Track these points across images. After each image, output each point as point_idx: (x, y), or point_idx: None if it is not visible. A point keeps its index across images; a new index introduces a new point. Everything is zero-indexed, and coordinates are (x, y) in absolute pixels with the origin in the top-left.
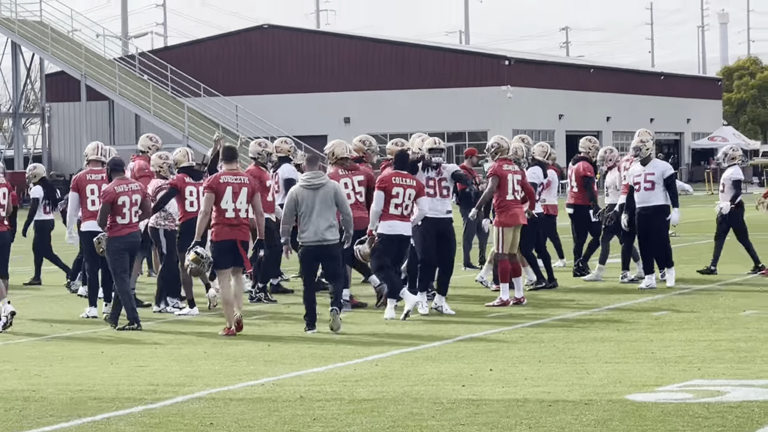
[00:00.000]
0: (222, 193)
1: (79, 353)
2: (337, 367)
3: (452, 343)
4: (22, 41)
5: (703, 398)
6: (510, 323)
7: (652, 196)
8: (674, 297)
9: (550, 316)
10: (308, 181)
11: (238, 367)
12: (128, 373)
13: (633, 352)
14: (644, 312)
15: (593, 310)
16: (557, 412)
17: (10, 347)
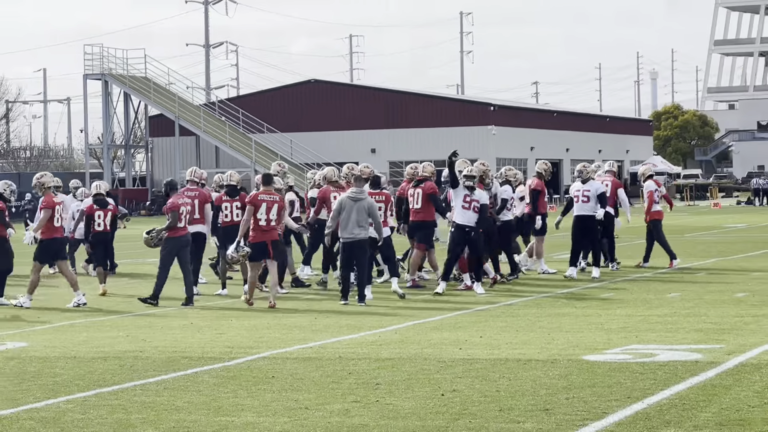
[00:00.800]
0: (259, 207)
1: (174, 324)
2: (366, 334)
3: (452, 316)
4: (132, 92)
5: (639, 359)
6: (495, 302)
7: (587, 207)
8: (617, 283)
9: (524, 296)
10: (353, 194)
11: (293, 335)
12: (211, 338)
13: (586, 324)
14: (594, 295)
15: (557, 292)
16: (530, 369)
17: (123, 318)
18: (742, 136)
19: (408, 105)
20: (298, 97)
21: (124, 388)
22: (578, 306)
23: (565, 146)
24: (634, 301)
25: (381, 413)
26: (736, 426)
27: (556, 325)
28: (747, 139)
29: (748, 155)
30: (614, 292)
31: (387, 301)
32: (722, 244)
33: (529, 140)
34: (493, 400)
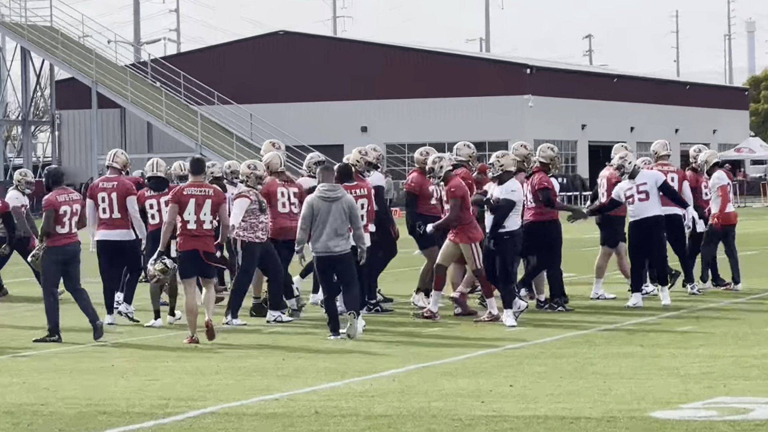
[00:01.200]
0: (185, 205)
1: (89, 366)
2: (353, 381)
3: (471, 357)
4: (32, 47)
5: (728, 416)
6: (530, 338)
7: (648, 206)
8: (699, 312)
9: (571, 330)
10: (325, 192)
11: (252, 382)
12: (139, 387)
13: (656, 368)
14: (668, 327)
15: (615, 325)
16: (579, 430)
17: (17, 360)
18: None
19: (411, 67)
20: (261, 56)
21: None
22: (645, 344)
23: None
24: (722, 336)
25: None
26: None
27: (615, 369)
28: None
29: None
30: (695, 324)
31: (383, 333)
32: None
33: (579, 116)
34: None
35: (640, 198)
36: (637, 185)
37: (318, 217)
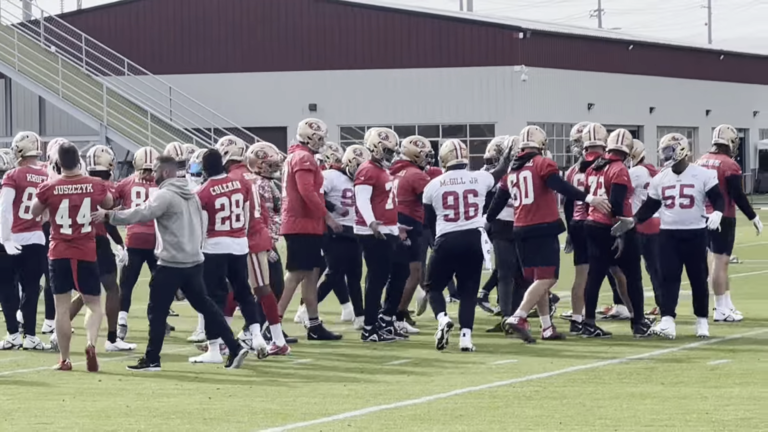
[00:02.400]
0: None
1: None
2: (297, 427)
3: (447, 397)
4: None
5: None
6: (523, 373)
7: (690, 216)
8: (734, 342)
9: (574, 365)
10: (178, 187)
11: (169, 427)
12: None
13: (681, 412)
14: (696, 361)
15: (630, 358)
16: None
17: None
18: None
19: (376, 30)
20: (184, 13)
21: None
22: (667, 382)
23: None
24: (763, 373)
25: None
26: None
27: (630, 413)
28: None
29: None
30: (731, 357)
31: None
32: None
33: (585, 92)
34: None
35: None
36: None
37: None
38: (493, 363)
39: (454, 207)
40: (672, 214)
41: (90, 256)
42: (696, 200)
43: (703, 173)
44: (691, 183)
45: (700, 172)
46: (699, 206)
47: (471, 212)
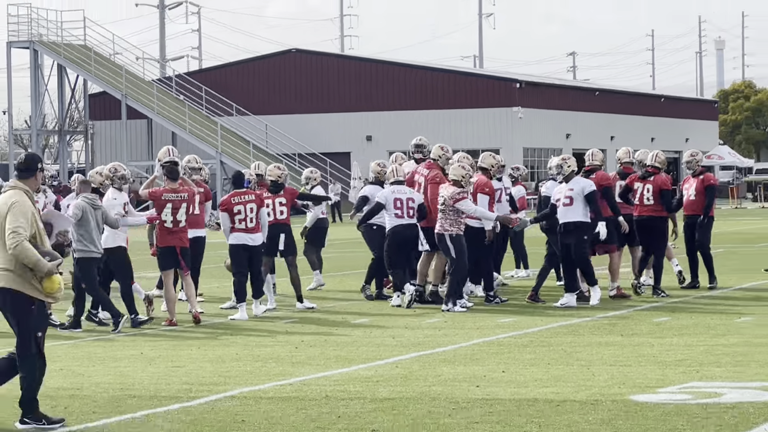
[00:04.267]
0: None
1: (120, 354)
2: (360, 368)
3: (467, 346)
4: (68, 63)
5: (701, 399)
6: (521, 328)
7: (570, 212)
8: (674, 304)
9: (557, 321)
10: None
11: (268, 368)
12: (166, 372)
13: (635, 355)
14: (645, 319)
15: (598, 316)
16: (565, 412)
17: (56, 348)
18: None
19: (413, 82)
20: (276, 71)
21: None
22: (625, 333)
23: (608, 133)
24: (695, 327)
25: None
26: None
27: (598, 357)
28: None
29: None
30: (670, 316)
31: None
32: None
33: (565, 125)
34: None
35: (564, 203)
36: (568, 188)
37: None
38: (500, 321)
39: (401, 209)
40: (561, 211)
41: (186, 243)
42: (575, 200)
43: (582, 182)
44: (572, 188)
45: (580, 181)
46: (578, 205)
47: (411, 213)
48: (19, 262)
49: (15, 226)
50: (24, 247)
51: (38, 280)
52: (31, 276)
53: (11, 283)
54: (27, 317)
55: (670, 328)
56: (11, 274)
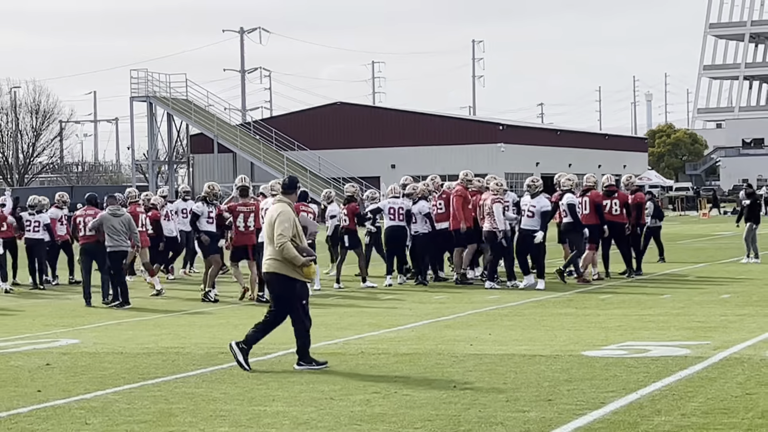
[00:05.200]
0: (237, 216)
1: (213, 322)
2: (386, 332)
3: (464, 315)
4: (174, 112)
5: (634, 354)
6: (503, 303)
7: (531, 222)
8: (615, 286)
9: (529, 298)
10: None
11: (319, 332)
12: None
13: (586, 322)
14: (594, 296)
15: (558, 295)
16: (535, 363)
17: (166, 318)
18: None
19: (425, 124)
20: (326, 118)
21: (166, 381)
22: (578, 306)
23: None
24: (630, 302)
25: (399, 403)
26: (720, 414)
27: (559, 323)
28: (733, 155)
29: (734, 170)
30: (612, 294)
31: (407, 301)
32: (711, 250)
33: (535, 156)
34: (500, 391)
35: (528, 215)
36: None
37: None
38: (487, 297)
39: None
40: (524, 220)
41: (254, 241)
42: (535, 214)
43: (542, 201)
44: (534, 204)
45: (540, 200)
46: (536, 218)
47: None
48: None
49: (281, 231)
50: (286, 247)
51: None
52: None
53: (279, 269)
54: (291, 292)
55: (611, 302)
56: (278, 263)
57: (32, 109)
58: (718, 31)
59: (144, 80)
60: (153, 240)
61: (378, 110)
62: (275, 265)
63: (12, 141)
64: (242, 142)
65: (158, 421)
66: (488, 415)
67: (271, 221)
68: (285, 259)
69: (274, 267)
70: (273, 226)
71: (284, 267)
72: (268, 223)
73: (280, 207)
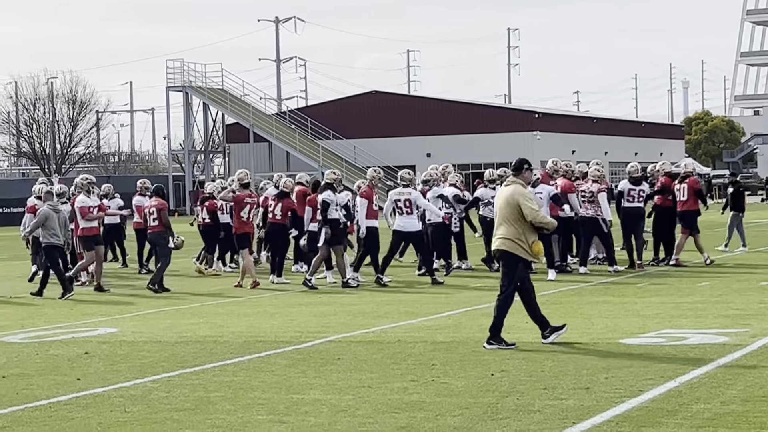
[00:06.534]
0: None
1: (250, 311)
2: (423, 320)
3: None
4: (210, 102)
5: (672, 342)
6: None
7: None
8: (653, 275)
9: (566, 286)
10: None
11: (357, 320)
12: (283, 324)
13: (624, 310)
14: (631, 284)
15: (595, 283)
16: (572, 351)
17: (204, 307)
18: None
19: (460, 113)
20: (361, 107)
21: (205, 369)
22: (616, 294)
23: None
24: (668, 290)
25: (436, 391)
26: (759, 402)
27: (596, 311)
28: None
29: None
30: (649, 282)
31: (442, 291)
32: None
33: (571, 144)
34: (538, 379)
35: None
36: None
37: None
38: None
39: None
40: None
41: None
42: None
43: (546, 188)
44: (539, 192)
45: (544, 188)
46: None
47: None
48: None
49: (530, 205)
50: (540, 215)
51: (528, 247)
52: (523, 244)
53: (510, 248)
54: (515, 271)
55: (648, 290)
56: (510, 242)
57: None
58: (756, 18)
59: (180, 70)
60: (212, 229)
61: (413, 99)
62: (507, 245)
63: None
64: (278, 132)
65: (197, 409)
66: (526, 403)
67: (509, 201)
68: (515, 239)
69: (506, 246)
70: (513, 206)
71: (515, 246)
72: (506, 204)
73: (516, 188)
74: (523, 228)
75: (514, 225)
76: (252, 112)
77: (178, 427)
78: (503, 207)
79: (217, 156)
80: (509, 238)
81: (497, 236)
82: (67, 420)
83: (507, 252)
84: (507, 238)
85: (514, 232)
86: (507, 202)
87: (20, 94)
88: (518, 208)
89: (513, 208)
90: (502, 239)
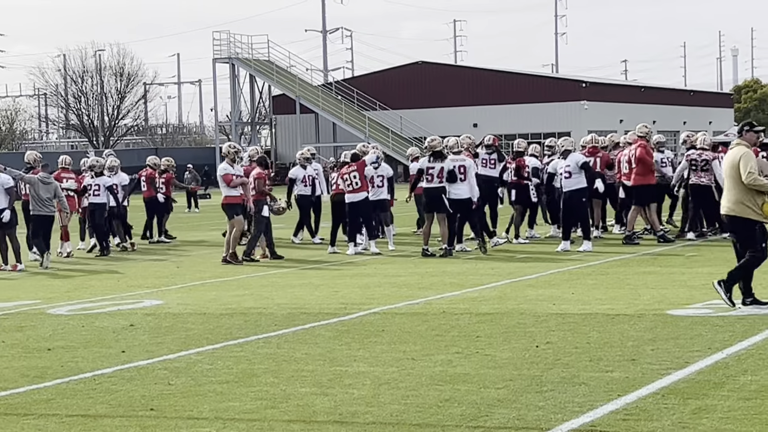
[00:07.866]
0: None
1: (294, 283)
2: (467, 291)
3: (546, 275)
4: (257, 74)
5: (720, 313)
6: (585, 261)
7: (569, 183)
8: (700, 245)
9: (612, 257)
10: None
11: (401, 292)
12: (327, 296)
13: (670, 281)
14: (680, 254)
15: (642, 253)
16: (618, 323)
17: (249, 279)
18: None
19: (506, 83)
20: (408, 78)
21: (249, 341)
22: (663, 265)
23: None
24: (716, 260)
25: (481, 363)
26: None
27: (642, 282)
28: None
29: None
30: (697, 251)
31: (487, 261)
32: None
33: (619, 114)
34: (584, 351)
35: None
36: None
37: None
38: (570, 256)
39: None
40: (564, 182)
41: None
42: (572, 173)
43: (575, 157)
44: (568, 163)
45: (575, 156)
46: (575, 176)
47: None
48: (746, 196)
49: (748, 169)
50: (756, 178)
51: (758, 208)
52: (753, 206)
53: (740, 212)
54: (753, 234)
55: (696, 261)
56: (739, 206)
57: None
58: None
59: (226, 42)
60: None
61: (459, 69)
62: (736, 209)
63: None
64: (324, 103)
65: (240, 381)
66: (571, 375)
67: (734, 163)
68: (743, 202)
69: (735, 211)
70: (736, 168)
71: (744, 209)
72: (730, 167)
73: (740, 150)
74: (750, 189)
75: (741, 187)
76: (298, 83)
77: (221, 399)
78: (728, 170)
79: (264, 127)
80: (739, 201)
81: (726, 201)
82: (111, 392)
83: (738, 217)
84: (736, 202)
85: (741, 195)
86: (731, 165)
87: (68, 66)
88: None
89: (736, 170)
90: (732, 204)
